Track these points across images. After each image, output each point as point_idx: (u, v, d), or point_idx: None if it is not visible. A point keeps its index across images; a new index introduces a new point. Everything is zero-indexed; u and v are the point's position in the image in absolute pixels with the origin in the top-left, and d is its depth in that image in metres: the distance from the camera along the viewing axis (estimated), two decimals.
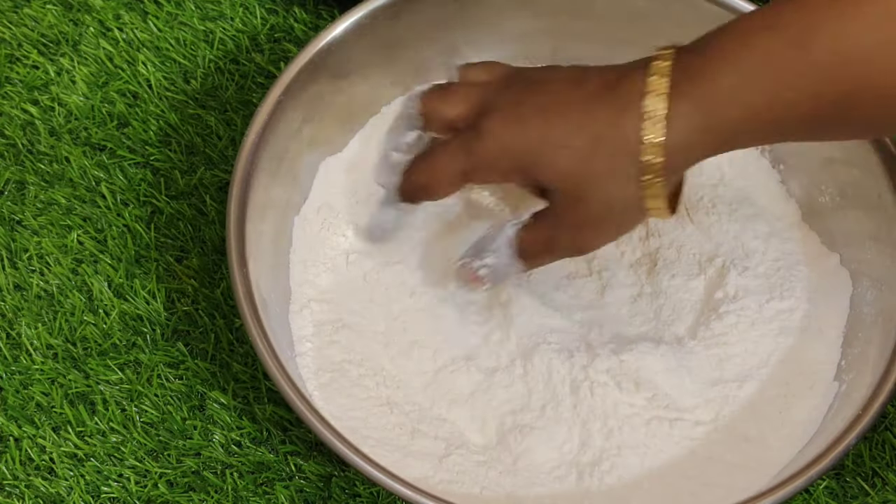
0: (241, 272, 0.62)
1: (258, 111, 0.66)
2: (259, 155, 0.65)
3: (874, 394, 0.62)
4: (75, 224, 0.73)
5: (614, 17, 0.73)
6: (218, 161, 0.75)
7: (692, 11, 0.71)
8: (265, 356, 0.60)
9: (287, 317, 0.67)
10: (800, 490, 0.60)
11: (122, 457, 0.66)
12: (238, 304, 0.61)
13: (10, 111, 0.76)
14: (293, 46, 0.79)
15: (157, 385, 0.68)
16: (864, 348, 0.66)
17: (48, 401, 0.68)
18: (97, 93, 0.77)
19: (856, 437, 0.60)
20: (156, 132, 0.76)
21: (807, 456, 0.62)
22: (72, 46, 0.79)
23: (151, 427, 0.67)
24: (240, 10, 0.80)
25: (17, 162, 0.75)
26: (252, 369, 0.68)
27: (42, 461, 0.66)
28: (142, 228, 0.73)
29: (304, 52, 0.68)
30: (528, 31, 0.74)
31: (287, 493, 0.66)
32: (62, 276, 0.71)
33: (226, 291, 0.70)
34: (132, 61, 0.78)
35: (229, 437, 0.67)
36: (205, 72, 0.78)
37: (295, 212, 0.69)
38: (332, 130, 0.71)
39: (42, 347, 0.69)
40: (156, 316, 0.70)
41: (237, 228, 0.63)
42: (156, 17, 0.80)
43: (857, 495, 0.67)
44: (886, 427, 0.68)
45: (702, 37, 0.57)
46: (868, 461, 0.67)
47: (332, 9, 0.80)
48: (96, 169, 0.74)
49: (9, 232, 0.72)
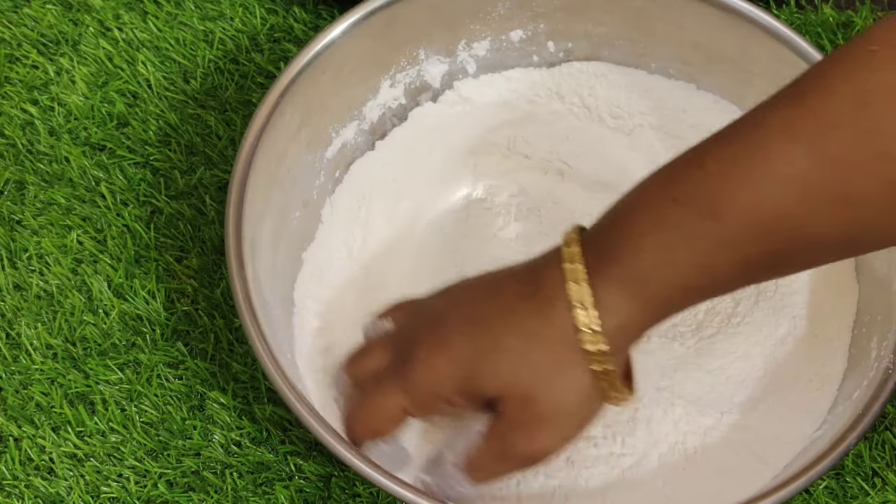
0: (240, 274, 0.62)
1: (257, 112, 0.66)
2: (258, 156, 0.65)
3: (874, 394, 0.62)
4: (75, 224, 0.73)
5: (614, 16, 0.73)
6: (218, 161, 0.75)
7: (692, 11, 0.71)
8: (264, 357, 0.60)
9: (287, 317, 0.67)
10: (800, 490, 0.59)
11: (121, 457, 0.66)
12: (237, 306, 0.61)
13: (9, 111, 0.76)
14: (293, 46, 0.79)
15: (156, 385, 0.68)
16: (864, 347, 0.66)
17: (48, 401, 0.68)
18: (97, 93, 0.77)
19: (856, 437, 0.60)
20: (155, 132, 0.76)
21: (807, 456, 0.62)
22: (71, 46, 0.79)
23: (151, 427, 0.67)
24: (240, 10, 0.80)
25: (17, 162, 0.75)
26: (252, 369, 0.68)
27: (42, 461, 0.66)
28: (141, 228, 0.73)
29: (304, 52, 0.68)
30: (528, 32, 0.74)
31: (287, 493, 0.66)
32: (62, 276, 0.71)
33: (225, 291, 0.70)
34: (132, 61, 0.78)
35: (229, 437, 0.67)
36: (204, 72, 0.78)
37: (294, 212, 0.69)
38: (331, 132, 0.71)
39: (42, 347, 0.69)
40: (155, 316, 0.70)
41: (236, 230, 0.63)
42: (155, 17, 0.80)
43: (857, 495, 0.67)
44: (886, 427, 0.68)
45: (607, 212, 0.55)
46: (868, 461, 0.67)
47: (332, 9, 0.80)
48: (96, 169, 0.74)
49: (8, 232, 0.72)
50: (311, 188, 0.70)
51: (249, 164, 0.65)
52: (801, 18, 0.80)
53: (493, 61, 0.75)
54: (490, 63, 0.75)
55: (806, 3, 0.81)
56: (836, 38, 0.79)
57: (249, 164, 0.65)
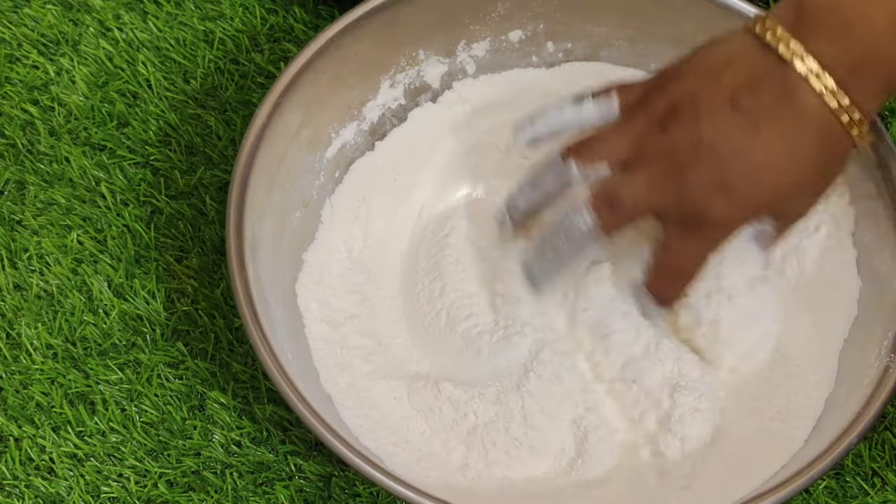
0: (241, 274, 0.62)
1: (257, 112, 0.66)
2: (258, 156, 0.65)
3: (874, 394, 0.62)
4: (75, 224, 0.73)
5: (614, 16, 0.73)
6: (218, 161, 0.75)
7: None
8: (265, 357, 0.60)
9: (287, 317, 0.67)
10: (800, 490, 0.59)
11: (121, 457, 0.66)
12: (238, 306, 0.61)
13: (10, 111, 0.76)
14: (293, 46, 0.79)
15: (156, 385, 0.68)
16: (863, 347, 0.66)
17: (48, 401, 0.68)
18: (97, 93, 0.77)
19: (856, 437, 0.60)
20: (156, 132, 0.76)
21: (807, 456, 0.62)
22: (72, 46, 0.79)
23: (151, 427, 0.67)
24: (240, 10, 0.80)
25: (17, 162, 0.75)
26: (252, 369, 0.69)
27: (42, 461, 0.66)
28: (141, 228, 0.73)
29: (304, 52, 0.68)
30: (528, 32, 0.74)
31: (287, 492, 0.66)
32: (62, 276, 0.71)
33: (226, 291, 0.70)
34: (132, 61, 0.78)
35: (229, 437, 0.67)
36: (205, 72, 0.78)
37: (294, 212, 0.69)
38: (331, 132, 0.71)
39: (42, 347, 0.69)
40: (156, 316, 0.70)
41: (236, 230, 0.63)
42: (156, 17, 0.80)
43: (856, 495, 0.67)
44: (886, 427, 0.68)
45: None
46: (868, 461, 0.67)
47: (332, 9, 0.80)
48: (96, 169, 0.74)
49: (9, 232, 0.72)
50: (311, 188, 0.71)
51: (250, 164, 0.65)
52: None
53: (493, 62, 0.75)
54: (489, 63, 0.75)
55: None
56: None
57: (250, 165, 0.65)
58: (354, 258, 0.71)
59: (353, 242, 0.71)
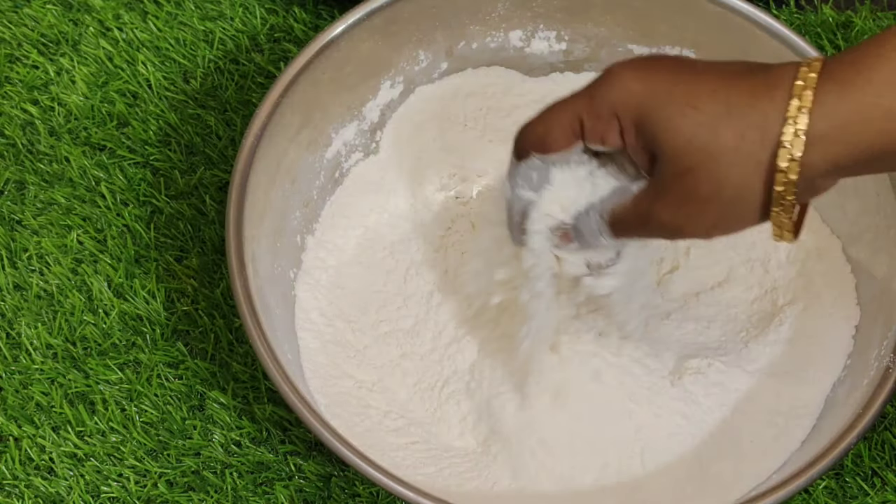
0: (241, 274, 0.62)
1: (257, 112, 0.66)
2: (258, 156, 0.65)
3: (874, 394, 0.62)
4: (75, 224, 0.73)
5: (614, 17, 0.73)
6: (218, 161, 0.75)
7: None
8: (265, 356, 0.60)
9: (287, 317, 0.67)
10: (799, 490, 0.59)
11: (121, 456, 0.66)
12: (238, 306, 0.61)
13: (10, 111, 0.76)
14: (293, 46, 0.79)
15: (156, 385, 0.68)
16: (863, 347, 0.66)
17: (48, 401, 0.68)
18: (97, 93, 0.77)
19: (856, 437, 0.60)
20: (155, 132, 0.76)
21: (807, 456, 0.62)
22: (72, 46, 0.79)
23: (151, 427, 0.67)
24: (239, 10, 0.80)
25: (17, 162, 0.75)
26: (252, 369, 0.69)
27: (42, 461, 0.66)
28: (141, 228, 0.73)
29: (304, 52, 0.68)
30: (528, 32, 0.74)
31: (287, 492, 0.66)
32: (62, 275, 0.71)
33: (226, 291, 0.70)
34: (132, 61, 0.78)
35: (229, 437, 0.67)
36: (205, 72, 0.78)
37: (294, 212, 0.69)
38: (331, 132, 0.71)
39: (42, 347, 0.69)
40: (155, 316, 0.70)
41: (236, 230, 0.63)
42: (156, 16, 0.80)
43: (856, 495, 0.67)
44: (886, 427, 0.68)
45: (847, 49, 0.53)
46: (868, 461, 0.67)
47: (332, 9, 0.80)
48: (96, 169, 0.74)
49: (9, 232, 0.73)
50: (311, 188, 0.71)
51: (249, 164, 0.65)
52: (800, 19, 0.80)
53: (493, 62, 0.75)
54: (489, 63, 0.75)
55: (805, 4, 0.81)
56: (835, 39, 0.79)
57: (249, 165, 0.65)
58: (354, 258, 0.71)
59: (353, 242, 0.71)
